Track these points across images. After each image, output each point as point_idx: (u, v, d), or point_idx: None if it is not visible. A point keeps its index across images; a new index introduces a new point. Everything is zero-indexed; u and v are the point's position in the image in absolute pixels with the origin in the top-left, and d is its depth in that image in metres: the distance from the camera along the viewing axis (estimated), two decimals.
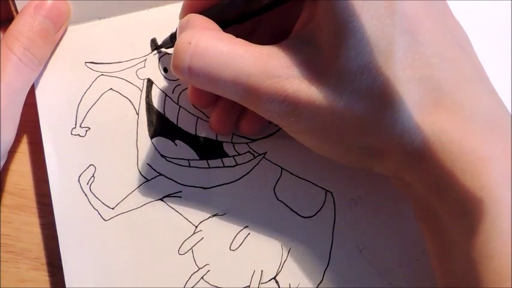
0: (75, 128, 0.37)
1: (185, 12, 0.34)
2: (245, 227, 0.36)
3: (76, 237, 0.35)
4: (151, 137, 0.37)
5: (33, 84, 0.37)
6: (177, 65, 0.30)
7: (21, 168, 0.38)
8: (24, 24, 0.35)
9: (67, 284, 0.35)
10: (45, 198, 0.37)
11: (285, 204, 0.36)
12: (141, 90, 0.37)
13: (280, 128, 0.37)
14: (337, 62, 0.28)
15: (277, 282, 0.35)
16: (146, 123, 0.37)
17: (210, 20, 0.32)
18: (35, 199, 0.38)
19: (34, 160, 0.38)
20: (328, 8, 0.28)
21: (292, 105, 0.29)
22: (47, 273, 0.37)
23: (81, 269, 0.35)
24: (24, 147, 0.38)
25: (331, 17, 0.28)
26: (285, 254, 0.36)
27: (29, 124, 0.38)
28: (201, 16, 0.32)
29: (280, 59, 0.29)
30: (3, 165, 0.36)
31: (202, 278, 0.35)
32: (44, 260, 0.37)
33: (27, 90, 0.36)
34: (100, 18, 0.38)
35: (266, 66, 0.29)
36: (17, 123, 0.36)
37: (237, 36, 0.31)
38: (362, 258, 0.35)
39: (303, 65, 0.29)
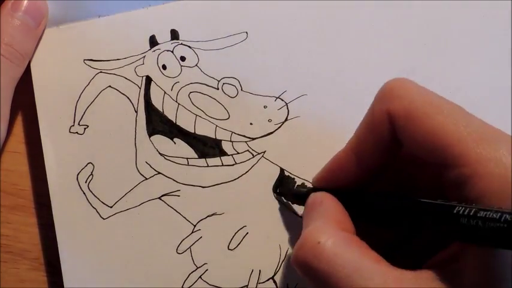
0: (73, 125, 0.37)
1: (324, 176, 0.32)
2: (243, 227, 0.36)
3: (74, 235, 0.35)
4: (150, 135, 0.37)
5: (31, 82, 0.37)
6: (298, 257, 0.27)
7: (19, 168, 0.38)
8: (4, 22, 0.35)
9: (65, 284, 0.35)
10: (44, 198, 0.37)
11: (283, 204, 0.36)
12: (140, 88, 0.37)
13: (279, 127, 0.36)
14: None
15: (275, 282, 0.36)
16: (145, 121, 0.37)
17: (345, 213, 0.30)
18: (34, 199, 0.38)
19: (32, 160, 0.38)
20: (482, 262, 0.24)
21: None
22: (46, 274, 0.37)
23: (79, 268, 0.35)
24: (22, 148, 0.38)
25: (482, 271, 0.24)
26: (283, 254, 0.36)
27: (28, 124, 0.38)
28: (338, 204, 0.30)
29: None
30: (2, 166, 0.36)
31: (200, 277, 0.36)
32: (43, 260, 0.37)
33: (14, 87, 0.36)
34: (99, 16, 0.37)
35: None
36: (7, 120, 0.35)
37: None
38: None
39: None
